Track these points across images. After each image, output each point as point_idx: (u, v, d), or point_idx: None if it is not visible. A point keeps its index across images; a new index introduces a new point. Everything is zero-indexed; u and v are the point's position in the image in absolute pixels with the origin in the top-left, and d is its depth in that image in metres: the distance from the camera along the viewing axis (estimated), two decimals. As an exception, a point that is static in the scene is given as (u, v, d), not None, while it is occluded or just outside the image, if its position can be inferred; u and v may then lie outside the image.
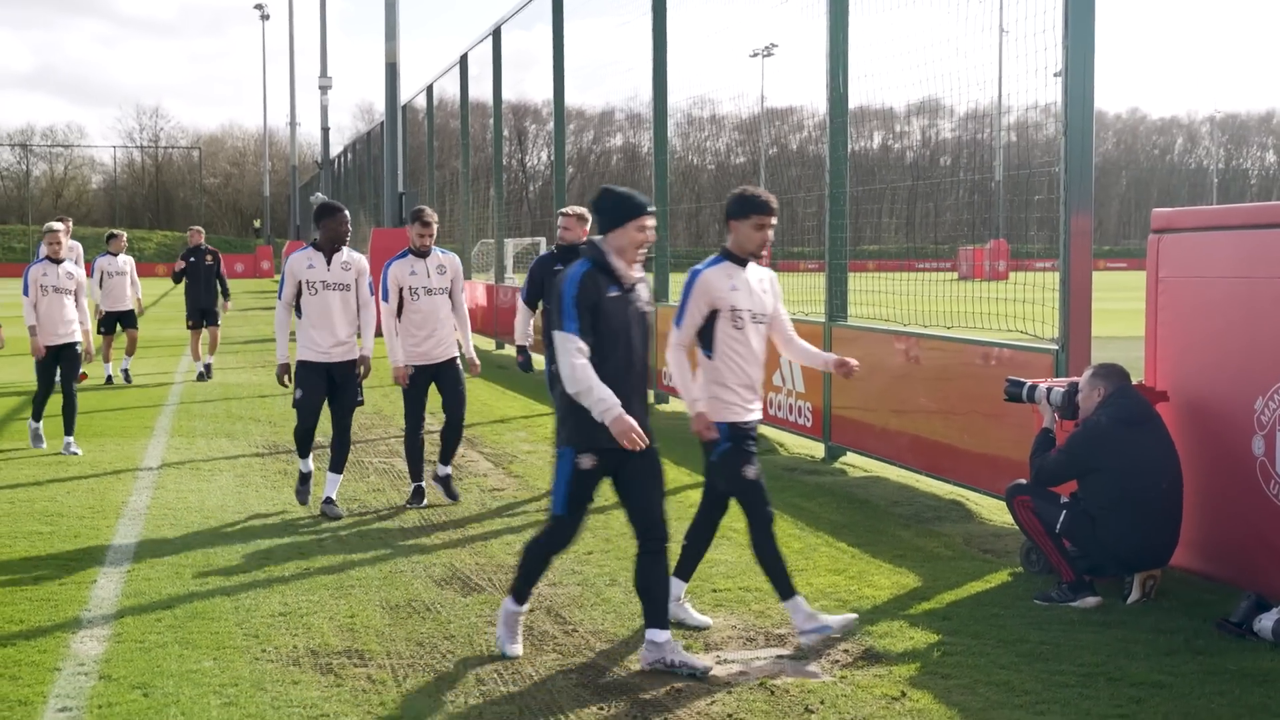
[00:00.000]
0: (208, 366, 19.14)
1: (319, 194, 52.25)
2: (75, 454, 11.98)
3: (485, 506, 9.83)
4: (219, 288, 19.52)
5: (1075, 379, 7.44)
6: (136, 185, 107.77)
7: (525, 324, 10.65)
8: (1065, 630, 6.53)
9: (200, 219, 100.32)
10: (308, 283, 9.41)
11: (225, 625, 6.70)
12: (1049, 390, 7.35)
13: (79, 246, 19.23)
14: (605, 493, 9.47)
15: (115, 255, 18.87)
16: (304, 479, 9.84)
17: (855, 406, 11.46)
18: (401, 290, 9.79)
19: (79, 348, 12.52)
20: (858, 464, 11.53)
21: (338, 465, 9.68)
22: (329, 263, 9.45)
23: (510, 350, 24.29)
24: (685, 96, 17.06)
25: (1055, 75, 8.69)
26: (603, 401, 5.71)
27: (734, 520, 8.98)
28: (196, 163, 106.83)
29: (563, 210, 10.48)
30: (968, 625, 6.65)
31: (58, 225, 12.65)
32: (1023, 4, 9.05)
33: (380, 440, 13.05)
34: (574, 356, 5.76)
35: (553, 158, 21.27)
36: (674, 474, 10.57)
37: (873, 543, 8.56)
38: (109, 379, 18.53)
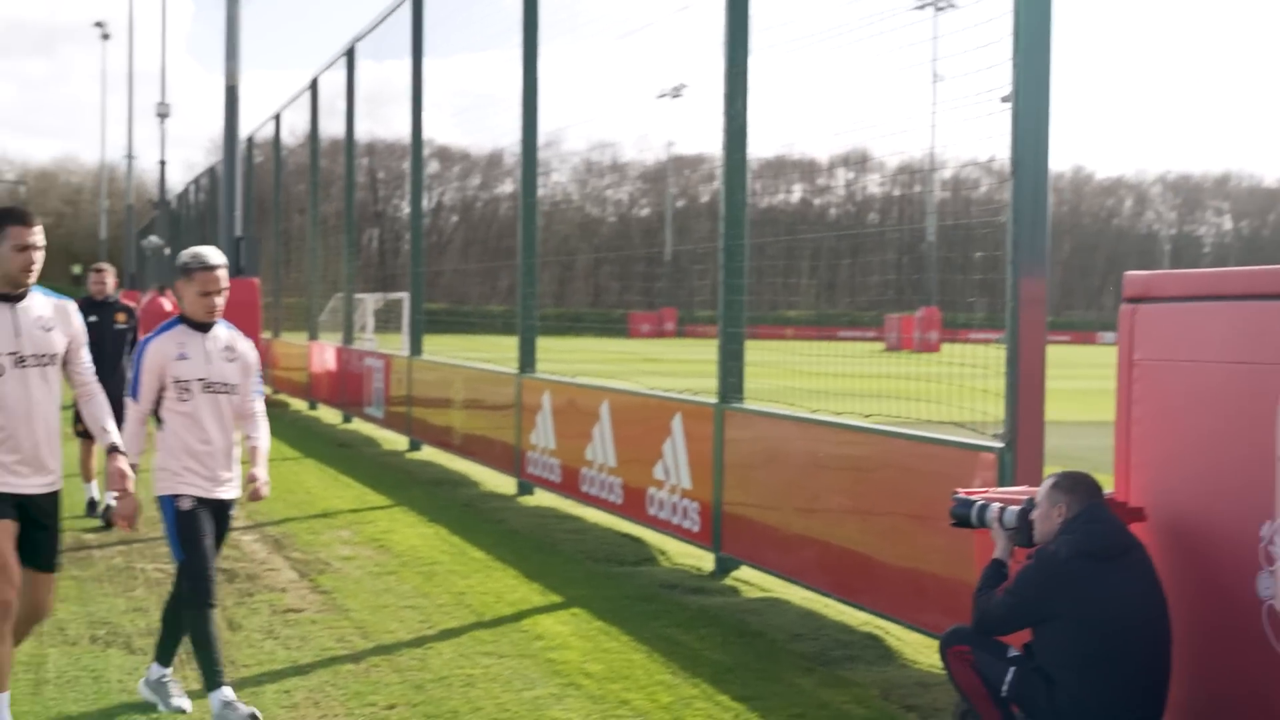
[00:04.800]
0: (107, 507, 11.60)
1: (153, 237, 50.45)
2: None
3: (272, 633, 8.48)
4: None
5: (1032, 490, 6.32)
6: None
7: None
8: (1012, 836, 5.40)
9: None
10: None
11: None
12: (1002, 510, 6.17)
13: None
14: (413, 627, 8.24)
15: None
16: None
17: (753, 506, 10.33)
18: None
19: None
20: (754, 581, 10.34)
21: None
22: None
23: (357, 425, 22.96)
24: (584, 140, 16.35)
25: (1003, 100, 7.67)
26: None
27: (589, 662, 7.74)
28: (23, 200, 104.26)
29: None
30: (882, 826, 5.51)
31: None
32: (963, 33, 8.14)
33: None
34: None
35: (432, 203, 20.23)
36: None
37: (764, 694, 7.37)
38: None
